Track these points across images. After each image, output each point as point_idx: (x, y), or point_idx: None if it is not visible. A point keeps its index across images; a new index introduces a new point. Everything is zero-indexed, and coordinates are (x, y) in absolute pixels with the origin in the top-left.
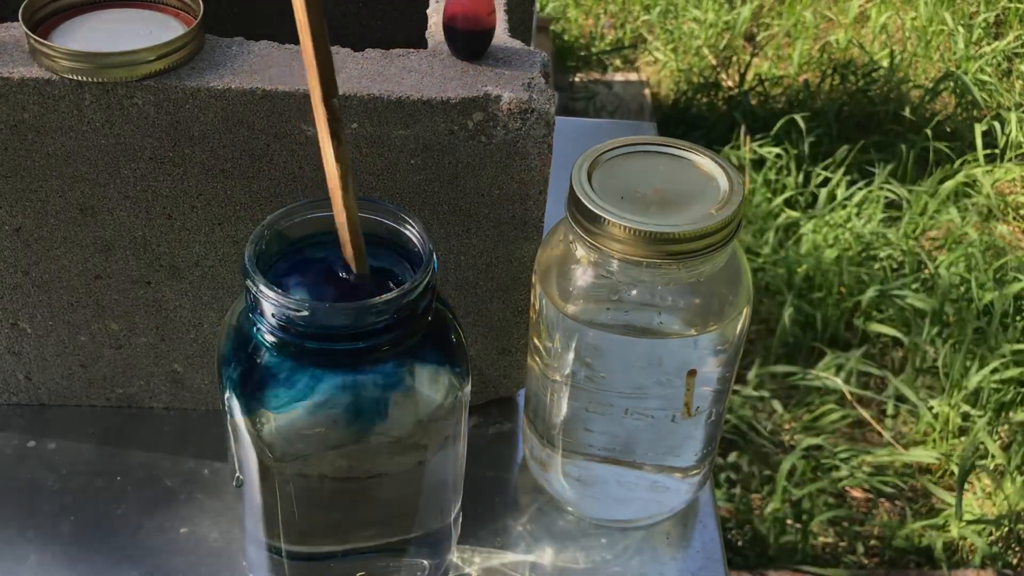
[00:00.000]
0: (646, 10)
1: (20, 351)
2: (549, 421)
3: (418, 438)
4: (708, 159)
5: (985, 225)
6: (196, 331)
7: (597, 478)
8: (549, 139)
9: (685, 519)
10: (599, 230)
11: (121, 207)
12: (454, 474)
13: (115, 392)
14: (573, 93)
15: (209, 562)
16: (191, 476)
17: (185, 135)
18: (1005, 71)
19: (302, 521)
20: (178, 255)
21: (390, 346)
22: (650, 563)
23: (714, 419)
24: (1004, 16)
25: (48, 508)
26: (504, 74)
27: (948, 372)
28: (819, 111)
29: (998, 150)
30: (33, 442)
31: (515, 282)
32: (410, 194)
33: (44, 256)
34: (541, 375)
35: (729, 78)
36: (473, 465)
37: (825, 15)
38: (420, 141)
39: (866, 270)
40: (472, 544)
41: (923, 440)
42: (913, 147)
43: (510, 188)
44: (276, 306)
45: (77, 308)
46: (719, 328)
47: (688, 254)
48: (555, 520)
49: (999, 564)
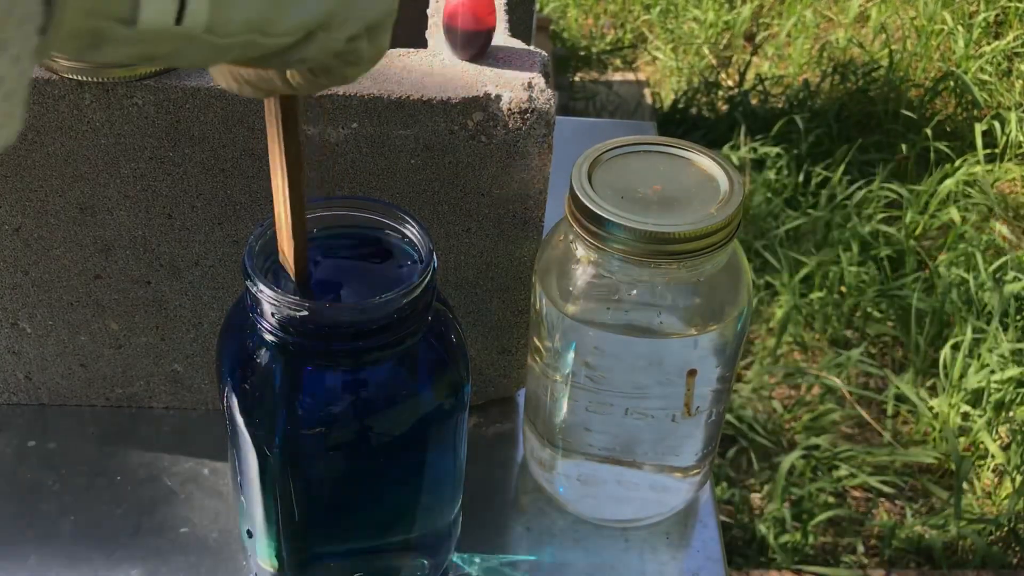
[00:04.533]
0: (646, 10)
1: (20, 351)
2: (549, 421)
3: (418, 438)
4: (708, 159)
5: (985, 225)
6: (196, 331)
7: (597, 478)
8: (549, 139)
9: (685, 519)
10: (599, 230)
11: (121, 207)
12: (454, 474)
13: (115, 392)
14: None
15: (209, 562)
16: (191, 476)
17: (185, 135)
18: (1005, 70)
19: (302, 521)
20: (178, 255)
21: (390, 346)
22: (650, 563)
23: (714, 419)
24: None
25: (48, 508)
26: (504, 74)
27: (948, 372)
28: (819, 111)
29: (998, 150)
30: (33, 442)
31: (515, 282)
32: (410, 194)
33: (44, 256)
34: (541, 375)
35: (729, 78)
36: (473, 465)
37: (825, 15)
38: (420, 141)
39: (866, 270)
40: (472, 544)
41: (923, 440)
42: (913, 147)
43: (510, 188)
44: (276, 306)
45: (77, 308)
46: (719, 328)
47: (688, 254)
48: (555, 520)
49: (999, 564)
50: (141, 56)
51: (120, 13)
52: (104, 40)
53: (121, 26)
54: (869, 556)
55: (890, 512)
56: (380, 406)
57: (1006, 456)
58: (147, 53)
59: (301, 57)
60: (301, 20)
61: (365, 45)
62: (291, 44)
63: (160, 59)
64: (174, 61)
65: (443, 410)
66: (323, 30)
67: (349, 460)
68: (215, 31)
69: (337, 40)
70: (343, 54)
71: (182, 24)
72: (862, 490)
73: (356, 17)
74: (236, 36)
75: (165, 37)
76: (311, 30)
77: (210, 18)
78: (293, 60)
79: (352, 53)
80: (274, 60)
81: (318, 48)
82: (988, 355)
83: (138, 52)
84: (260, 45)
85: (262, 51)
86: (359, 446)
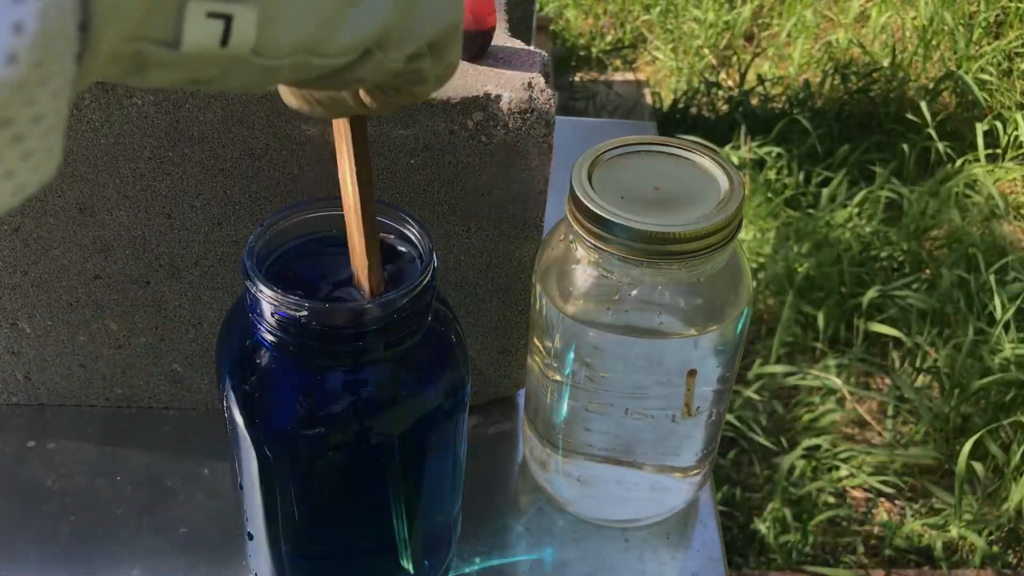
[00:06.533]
0: (646, 10)
1: (19, 351)
2: (549, 421)
3: (418, 438)
4: (708, 159)
5: (986, 225)
6: (196, 331)
7: (597, 478)
8: (549, 139)
9: (685, 519)
10: (599, 230)
11: (121, 207)
12: (454, 474)
13: (115, 392)
14: (573, 93)
15: (209, 562)
16: (191, 476)
17: (185, 135)
18: (1006, 70)
19: (302, 521)
20: (177, 255)
21: (390, 346)
22: (650, 563)
23: (714, 419)
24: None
25: (48, 508)
26: (504, 74)
27: (948, 372)
28: (820, 111)
29: (999, 150)
30: (33, 442)
31: (515, 282)
32: (410, 194)
33: (43, 256)
34: (541, 375)
35: (729, 78)
36: (473, 465)
37: (825, 15)
38: (420, 141)
39: (866, 270)
40: (472, 544)
41: (923, 440)
42: (914, 147)
43: (510, 188)
44: (275, 306)
45: (76, 308)
46: (719, 328)
47: (689, 254)
48: (555, 520)
49: (999, 564)
50: (187, 80)
51: (163, 36)
52: (147, 64)
53: (164, 49)
54: (869, 556)
55: (890, 512)
56: (380, 406)
57: (1006, 456)
58: (193, 77)
59: (357, 78)
60: (354, 40)
61: (429, 63)
62: (345, 64)
63: (207, 83)
64: (222, 85)
65: (443, 410)
66: (379, 49)
67: (349, 460)
68: (263, 53)
69: (395, 60)
70: (405, 73)
71: (228, 46)
72: (862, 490)
73: (414, 35)
74: (285, 58)
75: (211, 60)
76: (366, 49)
77: (257, 39)
78: (350, 80)
79: (415, 72)
80: (329, 81)
81: (374, 68)
82: (989, 356)
83: (183, 76)
84: (312, 66)
85: (315, 72)
86: (359, 446)
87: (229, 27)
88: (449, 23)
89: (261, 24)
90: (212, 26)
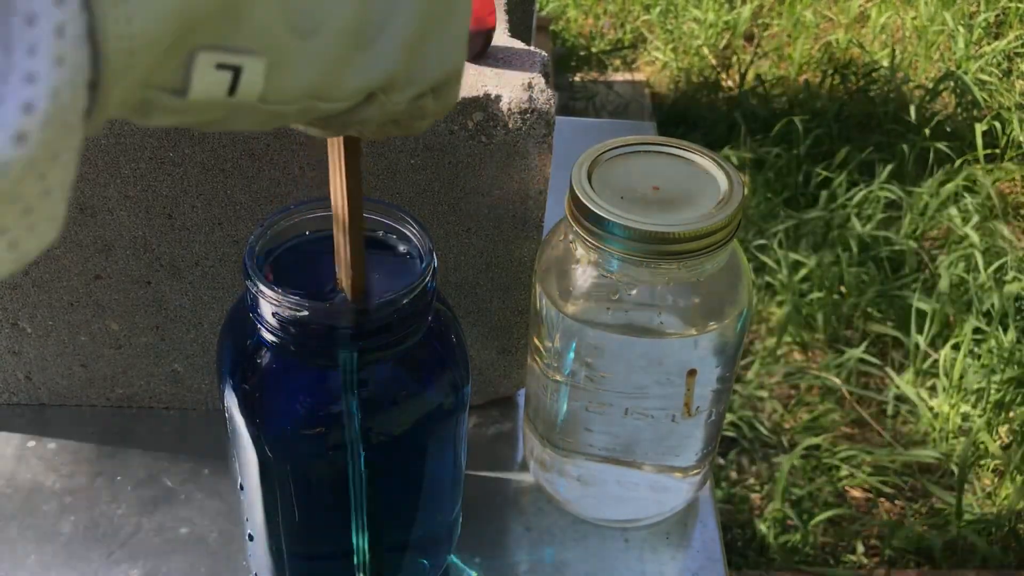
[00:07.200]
0: (646, 10)
1: (20, 351)
2: (549, 421)
3: (418, 438)
4: (708, 159)
5: (985, 225)
6: (196, 331)
7: (597, 478)
8: (549, 139)
9: (685, 519)
10: (599, 230)
11: (121, 207)
12: (454, 474)
13: (115, 392)
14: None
15: (209, 562)
16: (191, 476)
17: (185, 135)
18: (1005, 71)
19: (302, 521)
20: (178, 255)
21: (390, 346)
22: (650, 563)
23: (714, 419)
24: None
25: (48, 508)
26: (504, 74)
27: (948, 372)
28: (819, 111)
29: (999, 150)
30: (33, 442)
31: (515, 282)
32: (410, 194)
33: (44, 256)
34: (541, 375)
35: (729, 78)
36: (473, 465)
37: (825, 15)
38: (420, 141)
39: (866, 270)
40: (472, 544)
41: (923, 440)
42: (913, 147)
43: (510, 188)
44: (276, 306)
45: (77, 308)
46: (719, 328)
47: (688, 254)
48: (555, 520)
49: (999, 564)
50: (191, 123)
51: (171, 84)
52: (153, 109)
53: (172, 97)
54: (869, 556)
55: (890, 512)
56: (380, 406)
57: (1006, 456)
58: (197, 120)
59: (361, 119)
60: (360, 85)
61: (431, 102)
62: (351, 107)
63: (211, 124)
64: (226, 126)
65: (443, 410)
66: (384, 93)
67: (349, 459)
68: (270, 100)
69: (398, 103)
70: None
71: (235, 95)
72: (862, 490)
73: (419, 81)
74: (292, 104)
75: (217, 106)
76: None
77: (265, 88)
78: (353, 122)
79: (418, 110)
80: (334, 122)
81: (378, 110)
82: (988, 355)
83: (188, 120)
84: (318, 110)
85: (320, 114)
86: (359, 445)
87: (238, 78)
88: (454, 68)
89: (269, 73)
90: (221, 76)
